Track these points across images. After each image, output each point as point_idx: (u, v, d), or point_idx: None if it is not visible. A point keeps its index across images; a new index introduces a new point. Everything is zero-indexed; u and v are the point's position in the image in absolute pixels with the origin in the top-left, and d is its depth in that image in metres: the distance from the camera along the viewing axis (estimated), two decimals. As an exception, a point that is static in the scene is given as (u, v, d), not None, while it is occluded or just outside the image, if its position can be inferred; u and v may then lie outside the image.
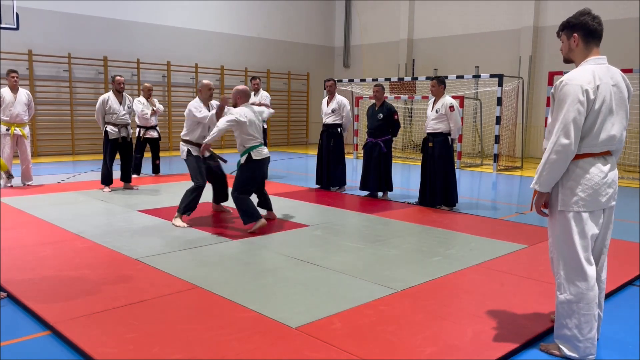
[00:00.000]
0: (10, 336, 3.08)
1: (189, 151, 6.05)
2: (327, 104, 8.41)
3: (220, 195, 6.59)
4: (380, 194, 7.88)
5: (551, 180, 2.81)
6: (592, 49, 2.83)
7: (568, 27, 2.86)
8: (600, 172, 2.79)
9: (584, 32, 2.81)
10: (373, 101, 7.91)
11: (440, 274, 4.25)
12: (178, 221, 5.82)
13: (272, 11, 17.75)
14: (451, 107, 6.82)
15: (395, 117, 7.65)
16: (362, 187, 7.90)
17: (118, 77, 7.84)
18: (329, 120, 8.38)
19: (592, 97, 2.70)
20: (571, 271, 2.81)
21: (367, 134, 7.90)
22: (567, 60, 2.96)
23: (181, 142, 6.10)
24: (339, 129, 8.36)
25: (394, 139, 7.90)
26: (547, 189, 2.85)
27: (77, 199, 7.13)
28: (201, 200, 7.22)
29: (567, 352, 2.85)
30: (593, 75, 2.73)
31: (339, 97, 8.38)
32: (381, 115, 7.62)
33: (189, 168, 6.10)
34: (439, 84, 6.96)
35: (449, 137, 6.93)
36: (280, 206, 6.96)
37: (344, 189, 8.47)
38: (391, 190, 7.83)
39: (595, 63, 2.79)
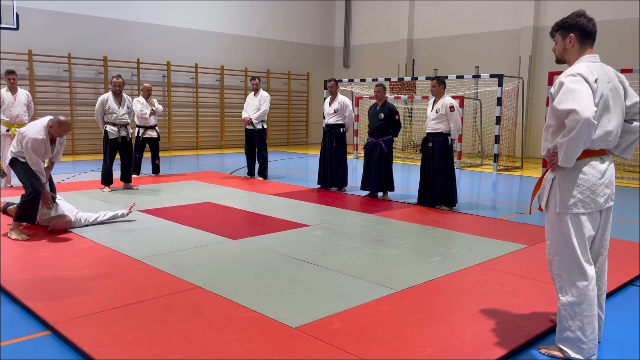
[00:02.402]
0: (10, 336, 3.08)
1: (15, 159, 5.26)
2: (330, 104, 8.40)
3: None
4: (380, 194, 7.89)
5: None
6: (586, 50, 2.85)
7: (564, 28, 2.87)
8: (597, 172, 2.78)
9: (580, 33, 2.82)
10: (374, 101, 7.91)
11: (440, 274, 4.25)
12: (15, 233, 5.11)
13: (272, 11, 17.75)
14: (451, 107, 6.82)
15: (397, 117, 7.65)
16: (362, 187, 7.91)
17: (115, 79, 7.84)
18: (332, 120, 8.35)
19: (594, 86, 2.70)
20: (572, 272, 2.81)
21: (368, 134, 7.90)
22: (560, 61, 2.97)
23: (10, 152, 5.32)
24: (341, 129, 8.34)
25: (394, 139, 7.90)
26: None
27: (77, 199, 7.12)
28: (202, 200, 7.24)
29: (572, 354, 2.84)
30: (590, 70, 2.73)
31: (341, 97, 8.37)
32: (382, 116, 7.62)
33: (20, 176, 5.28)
34: (439, 84, 6.96)
35: (448, 137, 6.93)
36: (280, 206, 6.97)
37: (343, 189, 8.46)
38: (392, 190, 7.83)
39: (590, 60, 2.80)
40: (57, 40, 13.31)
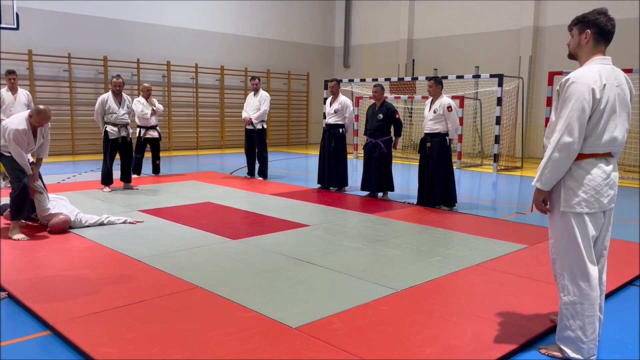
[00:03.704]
0: (10, 336, 3.08)
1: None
2: (330, 104, 8.38)
3: None
4: (380, 194, 7.88)
5: (553, 178, 2.80)
6: (599, 49, 2.82)
7: (582, 23, 2.83)
8: (603, 172, 2.77)
9: (597, 31, 2.79)
10: (374, 101, 7.90)
11: (440, 274, 4.25)
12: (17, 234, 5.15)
13: (272, 11, 17.75)
14: (449, 108, 6.82)
15: (396, 116, 7.62)
16: (363, 188, 7.90)
17: (114, 79, 7.82)
18: (331, 120, 8.33)
19: (598, 96, 2.69)
20: (575, 272, 2.80)
21: (367, 135, 7.88)
22: (572, 56, 2.93)
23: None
24: (341, 130, 8.32)
25: (399, 138, 7.85)
26: (549, 187, 2.84)
27: (77, 199, 7.12)
28: (202, 200, 7.24)
29: (571, 354, 2.84)
30: (599, 74, 2.72)
31: (342, 98, 8.35)
32: (381, 116, 7.60)
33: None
34: (437, 84, 6.95)
35: (447, 138, 6.93)
36: (280, 206, 6.97)
37: (344, 189, 8.45)
38: (392, 190, 7.81)
39: (601, 63, 2.78)
40: (57, 40, 13.30)
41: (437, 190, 6.93)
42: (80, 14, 13.61)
